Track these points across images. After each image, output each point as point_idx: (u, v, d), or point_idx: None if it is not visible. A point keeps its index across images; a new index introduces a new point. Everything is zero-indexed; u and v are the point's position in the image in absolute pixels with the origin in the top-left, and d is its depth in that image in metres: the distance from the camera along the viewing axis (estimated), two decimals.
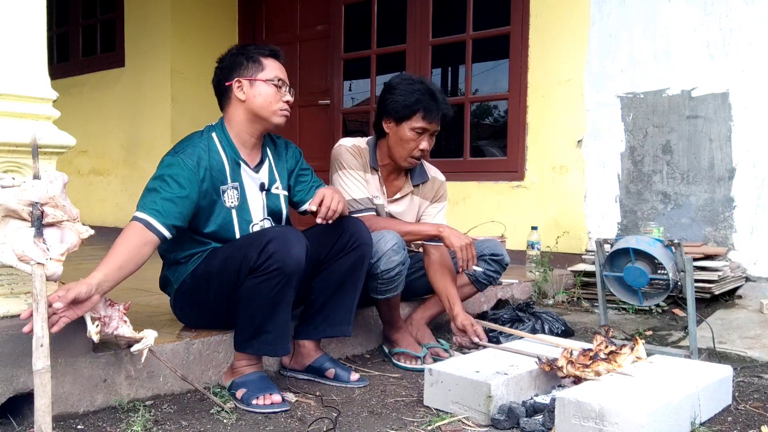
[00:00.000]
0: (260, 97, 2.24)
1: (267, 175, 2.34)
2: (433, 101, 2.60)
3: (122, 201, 6.20)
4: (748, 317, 3.21)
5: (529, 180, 4.35)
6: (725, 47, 3.67)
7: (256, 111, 2.25)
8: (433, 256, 2.72)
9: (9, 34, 1.84)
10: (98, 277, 1.84)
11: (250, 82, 2.24)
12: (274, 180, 2.36)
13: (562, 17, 4.21)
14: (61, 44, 6.88)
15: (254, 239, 2.05)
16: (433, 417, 1.97)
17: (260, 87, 2.24)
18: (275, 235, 2.01)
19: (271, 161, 2.37)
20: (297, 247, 2.00)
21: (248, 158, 2.30)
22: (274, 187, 2.35)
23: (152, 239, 2.05)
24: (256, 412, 2.00)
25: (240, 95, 2.25)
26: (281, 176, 2.39)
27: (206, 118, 2.42)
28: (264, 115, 2.25)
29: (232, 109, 2.28)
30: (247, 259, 2.01)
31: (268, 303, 2.03)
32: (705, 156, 3.75)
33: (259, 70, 2.25)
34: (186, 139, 2.28)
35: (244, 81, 2.24)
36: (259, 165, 2.33)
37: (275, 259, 1.97)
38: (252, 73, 2.25)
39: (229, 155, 2.24)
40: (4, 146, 1.80)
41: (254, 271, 2.00)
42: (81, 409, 1.93)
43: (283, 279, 1.99)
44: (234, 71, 2.26)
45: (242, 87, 2.25)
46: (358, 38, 5.42)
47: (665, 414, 1.75)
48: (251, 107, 2.25)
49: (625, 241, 2.54)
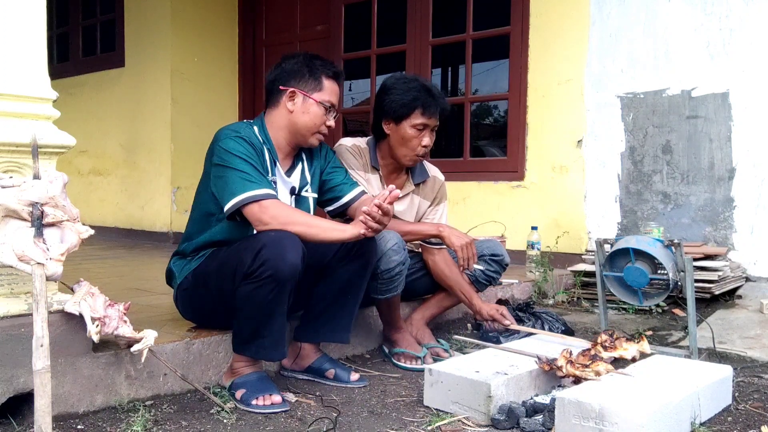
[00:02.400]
0: (307, 116, 2.26)
1: (298, 179, 2.35)
2: (430, 96, 2.61)
3: (122, 201, 6.19)
4: (748, 317, 3.21)
5: (529, 180, 4.35)
6: (725, 47, 3.67)
7: (299, 126, 2.27)
8: (436, 255, 2.73)
9: (9, 34, 1.84)
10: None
11: (304, 97, 2.26)
12: (305, 183, 2.37)
13: (562, 17, 4.21)
14: (61, 44, 6.88)
15: (249, 244, 2.03)
16: (433, 417, 1.97)
17: (311, 106, 2.26)
18: (269, 241, 1.99)
19: (305, 165, 2.39)
20: (292, 253, 1.98)
21: (282, 161, 2.31)
22: (304, 191, 2.37)
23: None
24: (256, 413, 2.00)
25: (290, 105, 2.27)
26: (313, 178, 2.40)
27: (206, 118, 2.43)
28: (304, 132, 2.28)
29: (277, 114, 2.29)
30: (242, 264, 2.01)
31: (263, 309, 2.02)
32: (705, 156, 3.75)
33: (317, 89, 2.27)
34: (237, 125, 2.27)
35: (299, 93, 2.26)
36: (291, 169, 2.34)
37: (268, 266, 1.95)
38: (309, 89, 2.26)
39: (269, 151, 2.26)
40: (4, 146, 1.80)
41: (248, 277, 1.99)
42: (81, 409, 1.93)
43: (277, 286, 1.98)
44: (293, 79, 2.27)
45: (294, 99, 2.26)
46: (358, 38, 5.42)
47: (665, 414, 1.75)
48: (295, 121, 2.27)
49: (625, 241, 2.54)
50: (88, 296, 1.86)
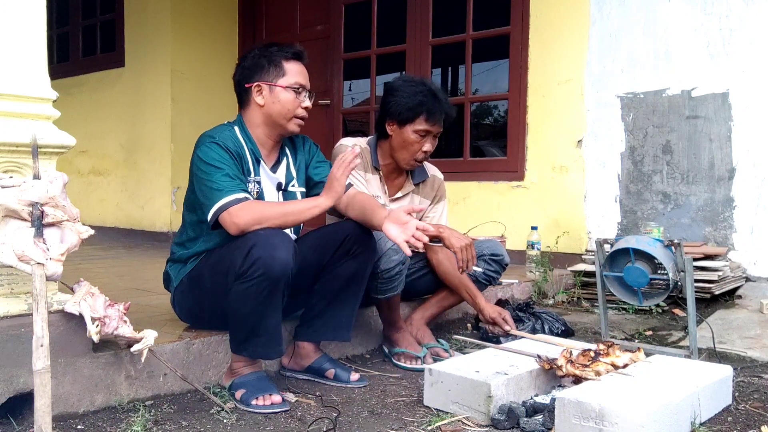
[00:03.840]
0: (278, 104, 2.24)
1: (284, 174, 2.35)
2: (436, 102, 2.61)
3: (122, 201, 6.19)
4: (748, 317, 3.21)
5: (529, 180, 4.35)
6: (725, 47, 3.67)
7: (274, 117, 2.25)
8: (440, 253, 2.73)
9: (9, 34, 1.84)
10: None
11: (270, 87, 2.24)
12: (291, 178, 2.37)
13: (562, 17, 4.21)
14: (61, 44, 6.88)
15: (240, 244, 2.03)
16: (433, 417, 1.97)
17: (279, 93, 2.24)
18: (259, 240, 1.99)
19: (289, 159, 2.38)
20: (282, 251, 1.97)
21: (266, 158, 2.31)
22: (291, 186, 2.36)
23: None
24: (256, 413, 2.00)
25: (259, 100, 2.25)
26: (299, 172, 2.39)
27: (206, 118, 2.43)
28: (281, 121, 2.26)
29: (251, 112, 2.28)
30: (233, 264, 2.01)
31: (257, 308, 2.02)
32: (705, 156, 3.75)
33: (280, 75, 2.24)
34: (215, 130, 2.26)
35: (264, 86, 2.24)
36: (276, 165, 2.34)
37: (259, 265, 1.95)
38: (273, 78, 2.24)
39: (250, 151, 2.25)
40: (4, 146, 1.80)
41: (240, 277, 1.99)
42: (81, 409, 1.93)
43: (270, 284, 1.97)
44: (255, 74, 2.25)
45: (261, 92, 2.25)
46: (358, 38, 5.42)
47: (665, 414, 1.75)
48: (269, 112, 2.25)
49: (625, 241, 2.54)
50: (88, 296, 1.86)
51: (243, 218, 2.04)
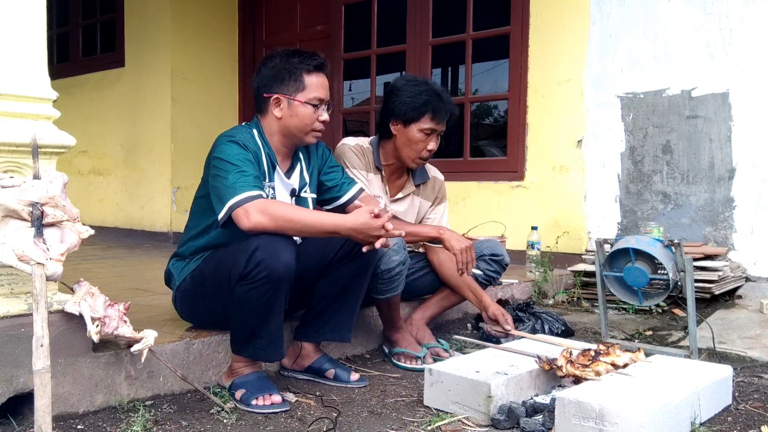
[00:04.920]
0: (296, 118, 2.23)
1: (298, 180, 2.35)
2: (440, 102, 2.62)
3: (122, 201, 6.19)
4: (748, 317, 3.21)
5: (529, 180, 4.35)
6: (725, 47, 3.67)
7: (291, 130, 2.25)
8: (441, 254, 2.74)
9: (9, 34, 1.84)
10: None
11: (289, 101, 2.22)
12: (304, 183, 2.37)
13: (562, 17, 4.20)
14: (61, 44, 6.88)
15: (243, 245, 2.02)
16: (433, 417, 1.97)
17: (298, 108, 2.22)
18: (262, 242, 1.98)
19: (303, 164, 2.38)
20: (285, 253, 1.98)
21: (281, 163, 2.30)
22: (303, 191, 2.36)
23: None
24: (256, 413, 2.00)
25: (277, 113, 2.24)
26: (312, 177, 2.39)
27: (206, 118, 2.43)
28: (298, 134, 2.26)
29: (268, 120, 2.27)
30: (236, 265, 2.00)
31: (259, 310, 2.02)
32: (705, 156, 3.75)
33: (300, 89, 2.22)
34: (235, 130, 2.25)
35: (282, 99, 2.23)
36: (290, 170, 2.34)
37: (263, 267, 1.95)
38: (292, 92, 2.22)
39: (267, 155, 2.25)
40: (4, 146, 1.80)
41: (243, 279, 1.99)
42: (81, 409, 1.93)
43: (273, 286, 1.98)
44: (274, 85, 2.24)
45: (280, 104, 2.23)
46: (358, 38, 5.42)
47: (665, 414, 1.75)
48: (286, 125, 2.24)
49: (625, 241, 2.54)
50: (88, 296, 1.86)
51: (258, 218, 2.00)
